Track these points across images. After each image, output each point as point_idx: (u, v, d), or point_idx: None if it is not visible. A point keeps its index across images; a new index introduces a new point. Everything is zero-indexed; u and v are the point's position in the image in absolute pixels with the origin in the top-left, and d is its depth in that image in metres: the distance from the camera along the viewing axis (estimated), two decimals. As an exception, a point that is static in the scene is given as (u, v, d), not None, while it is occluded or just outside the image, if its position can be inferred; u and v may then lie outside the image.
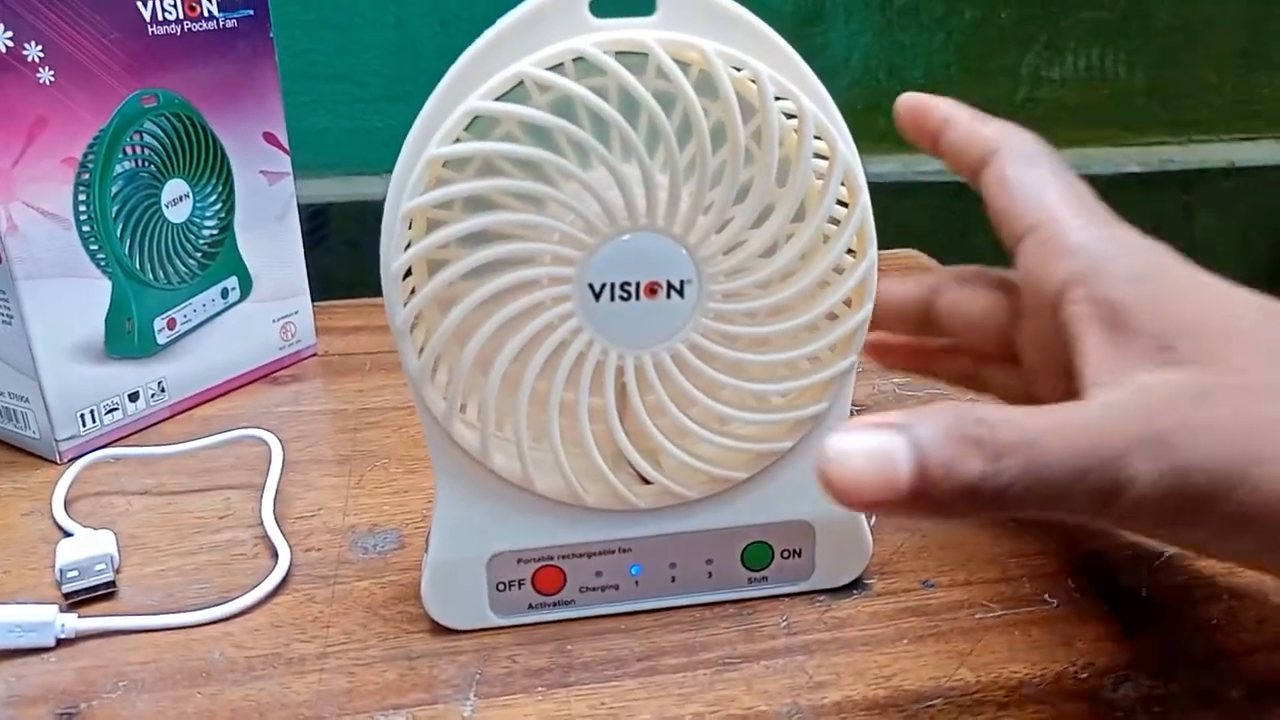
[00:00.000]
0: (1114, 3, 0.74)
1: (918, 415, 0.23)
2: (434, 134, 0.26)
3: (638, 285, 0.27)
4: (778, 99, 0.26)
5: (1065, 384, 0.26)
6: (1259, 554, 0.25)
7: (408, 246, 0.26)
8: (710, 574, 0.31)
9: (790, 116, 0.27)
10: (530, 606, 0.31)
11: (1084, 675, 0.28)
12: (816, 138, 0.27)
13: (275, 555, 0.34)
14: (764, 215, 0.27)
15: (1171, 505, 0.23)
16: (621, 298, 0.27)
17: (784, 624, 0.30)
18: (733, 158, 0.26)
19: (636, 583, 0.31)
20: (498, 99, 0.26)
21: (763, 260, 0.27)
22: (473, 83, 0.26)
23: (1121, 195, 0.82)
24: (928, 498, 0.23)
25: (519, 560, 0.30)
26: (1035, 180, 0.28)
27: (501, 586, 0.30)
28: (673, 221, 0.27)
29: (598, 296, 0.27)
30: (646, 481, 0.30)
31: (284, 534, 0.35)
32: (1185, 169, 0.79)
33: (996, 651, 0.29)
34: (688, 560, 0.31)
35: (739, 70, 0.26)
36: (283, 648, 0.30)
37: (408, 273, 0.27)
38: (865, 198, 0.27)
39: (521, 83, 0.26)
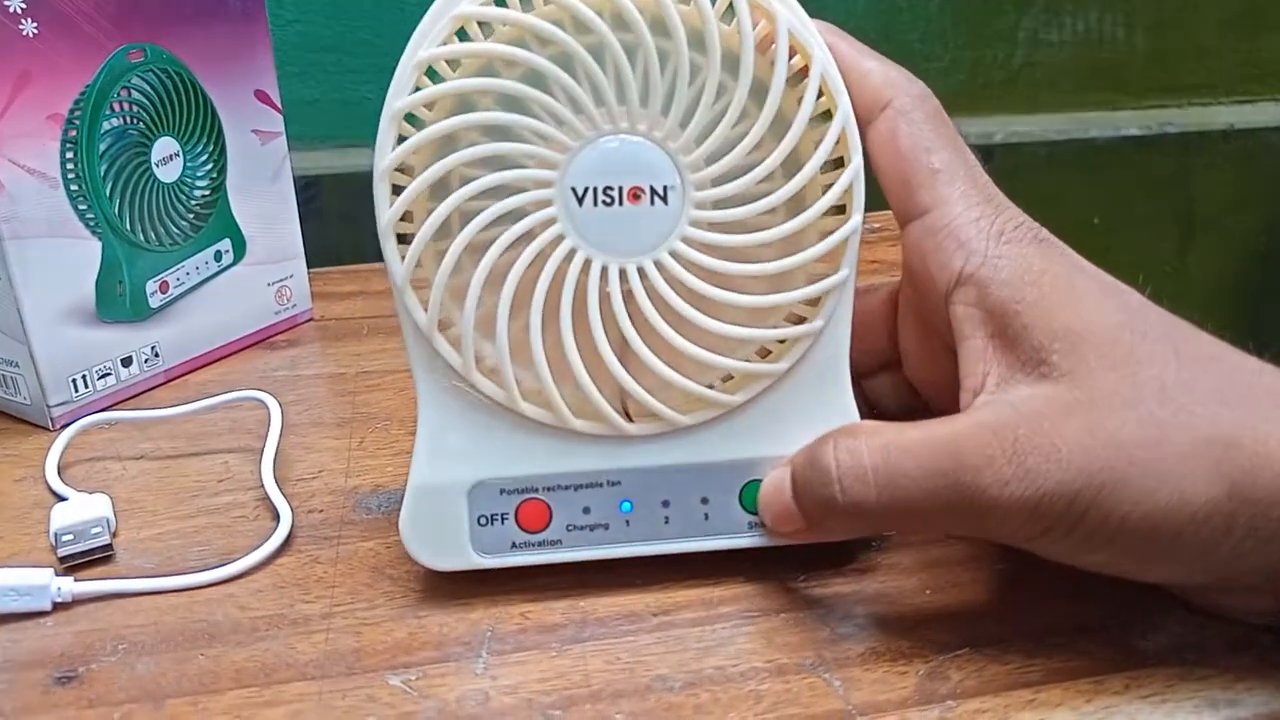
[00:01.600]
0: (1113, -37, 0.73)
1: (805, 448, 0.27)
2: (425, 39, 0.26)
3: (621, 190, 0.27)
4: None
5: (949, 376, 0.28)
6: (1117, 565, 0.25)
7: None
8: (706, 515, 0.29)
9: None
10: (514, 545, 0.29)
11: (1111, 624, 0.27)
12: (792, 54, 0.27)
13: (276, 517, 0.33)
14: (745, 123, 0.27)
15: (1030, 523, 0.24)
16: (605, 202, 0.27)
17: (801, 576, 0.30)
18: (710, 64, 0.26)
19: (627, 522, 0.29)
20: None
21: (746, 167, 0.27)
22: None
23: (1120, 158, 0.81)
24: (811, 518, 0.27)
25: (502, 491, 0.29)
26: (928, 150, 0.27)
27: (483, 520, 0.29)
28: (654, 126, 0.27)
29: (580, 201, 0.27)
30: (630, 416, 0.29)
31: (285, 496, 0.34)
32: (1184, 132, 0.78)
33: (1023, 599, 0.28)
34: (681, 498, 0.29)
35: None
36: (287, 608, 0.29)
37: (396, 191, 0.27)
38: (846, 102, 0.27)
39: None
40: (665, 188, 0.27)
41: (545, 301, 0.27)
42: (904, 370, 0.32)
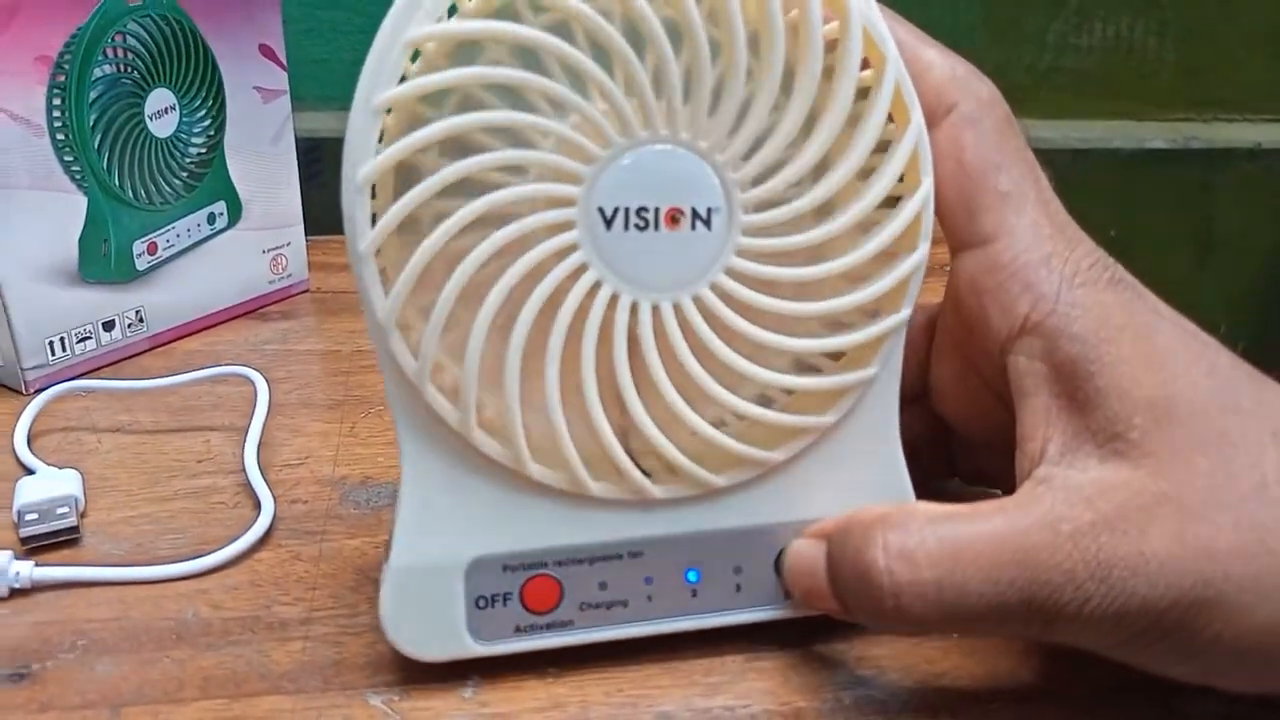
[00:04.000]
0: (1148, -30, 0.71)
1: (844, 529, 0.24)
2: (414, 14, 0.21)
3: (656, 212, 0.23)
4: None
5: (988, 416, 0.25)
6: (1201, 677, 0.22)
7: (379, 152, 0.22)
8: (739, 586, 0.26)
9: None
10: (518, 629, 0.25)
11: (1158, 684, 0.25)
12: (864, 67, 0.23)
13: (258, 506, 0.31)
14: (803, 134, 0.23)
15: (1108, 636, 0.22)
16: (637, 226, 0.23)
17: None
18: (770, 63, 0.22)
19: (649, 597, 0.26)
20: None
21: (802, 189, 0.23)
22: None
23: (1143, 171, 0.79)
24: (853, 615, 0.24)
25: (505, 567, 0.25)
26: (997, 168, 0.24)
27: (482, 603, 0.25)
28: (698, 133, 0.23)
29: (609, 224, 0.23)
30: (646, 472, 0.25)
31: (268, 482, 0.32)
32: (1209, 148, 0.77)
33: (1062, 653, 0.26)
34: (712, 568, 0.26)
35: None
36: (263, 610, 0.27)
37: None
38: (919, 116, 0.23)
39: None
40: (709, 210, 0.23)
41: (565, 345, 0.23)
42: (933, 403, 0.29)
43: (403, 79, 0.22)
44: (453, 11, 0.22)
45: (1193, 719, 0.25)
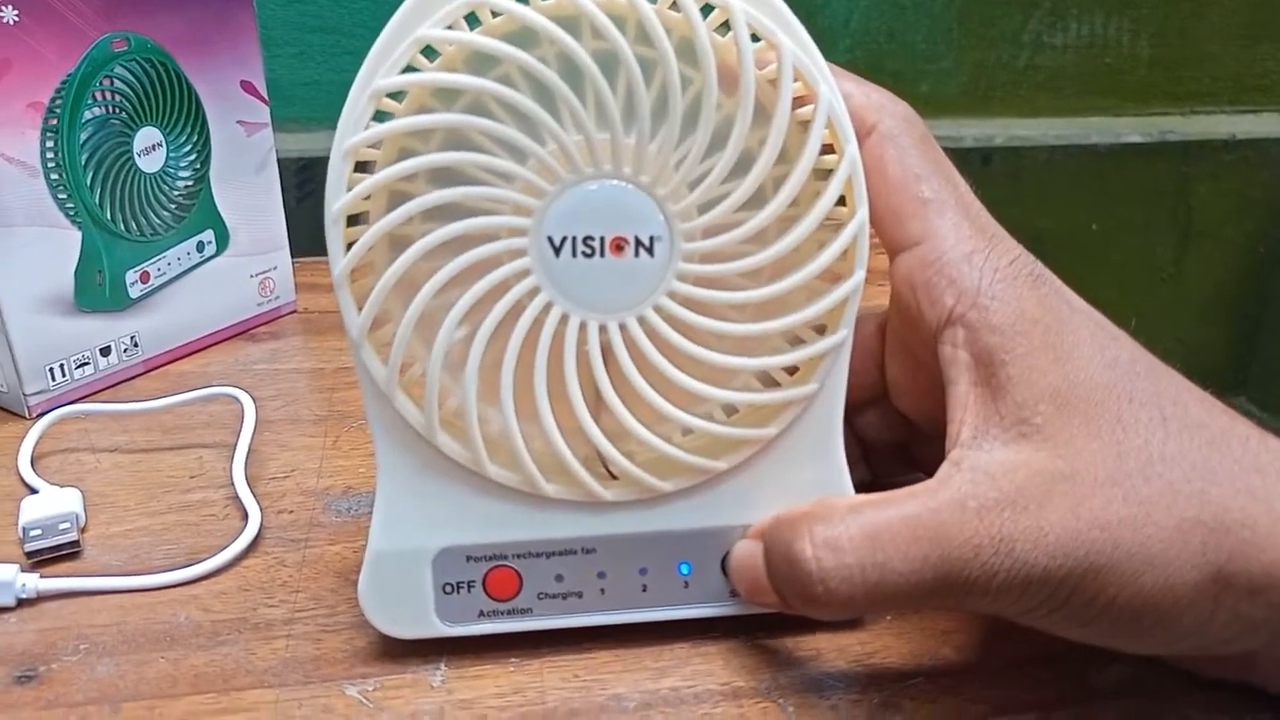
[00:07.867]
0: (1120, -32, 0.72)
1: (776, 526, 0.26)
2: (382, 66, 0.24)
3: (602, 240, 0.24)
4: (754, 39, 0.24)
5: (941, 409, 0.26)
6: (1102, 638, 0.24)
7: (350, 188, 0.24)
8: (686, 584, 0.28)
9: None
10: (481, 614, 0.27)
11: (1071, 656, 0.27)
12: (798, 94, 0.25)
13: (246, 517, 0.33)
14: (741, 168, 0.25)
15: (1017, 604, 0.24)
16: (584, 254, 0.24)
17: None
18: (706, 104, 0.24)
19: (602, 590, 0.28)
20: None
21: (740, 218, 0.25)
22: (426, 12, 0.24)
23: (1121, 165, 0.81)
24: (790, 605, 0.26)
25: (468, 558, 0.27)
26: (918, 178, 0.26)
27: (449, 588, 0.27)
28: (640, 170, 0.24)
29: (558, 251, 0.24)
30: (614, 474, 0.27)
31: (255, 495, 0.34)
32: (1186, 140, 0.78)
33: (981, 630, 0.29)
34: (660, 566, 0.28)
35: (710, 8, 0.24)
36: (250, 612, 0.29)
37: (352, 222, 0.25)
38: (854, 149, 0.25)
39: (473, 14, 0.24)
40: (651, 239, 0.25)
41: (518, 357, 0.25)
42: (893, 401, 0.31)
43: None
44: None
45: (1101, 687, 0.27)
